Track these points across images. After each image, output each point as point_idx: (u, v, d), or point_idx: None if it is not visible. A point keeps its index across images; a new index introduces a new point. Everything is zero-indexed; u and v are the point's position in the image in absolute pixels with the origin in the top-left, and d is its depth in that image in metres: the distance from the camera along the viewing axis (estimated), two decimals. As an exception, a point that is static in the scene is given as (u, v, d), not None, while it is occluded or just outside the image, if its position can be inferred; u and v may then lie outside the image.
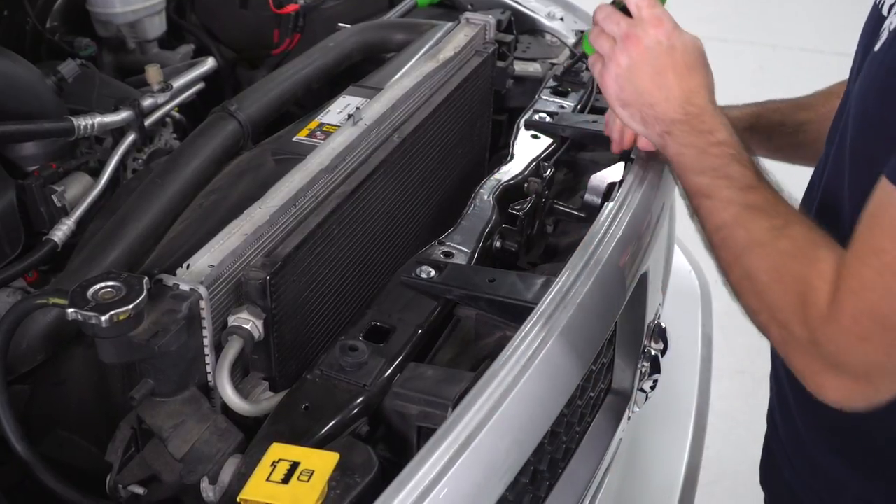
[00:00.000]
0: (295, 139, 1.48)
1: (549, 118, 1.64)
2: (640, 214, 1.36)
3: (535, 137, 1.61)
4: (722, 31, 5.18)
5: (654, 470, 1.78)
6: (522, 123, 1.64)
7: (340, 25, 1.98)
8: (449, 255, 1.32)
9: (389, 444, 1.11)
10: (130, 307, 0.99)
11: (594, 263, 1.22)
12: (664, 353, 1.60)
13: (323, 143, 1.35)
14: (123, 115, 1.64)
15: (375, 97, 1.46)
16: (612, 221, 1.30)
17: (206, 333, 1.09)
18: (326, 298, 1.25)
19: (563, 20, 2.02)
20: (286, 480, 0.90)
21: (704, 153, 1.08)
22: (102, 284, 1.02)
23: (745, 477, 2.23)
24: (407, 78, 1.51)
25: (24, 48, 1.93)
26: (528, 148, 1.58)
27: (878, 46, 1.01)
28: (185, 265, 1.10)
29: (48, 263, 1.49)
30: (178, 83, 1.75)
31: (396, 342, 1.17)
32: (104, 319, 0.98)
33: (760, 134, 1.43)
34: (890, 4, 1.01)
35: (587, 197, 1.49)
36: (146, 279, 1.03)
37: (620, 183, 1.42)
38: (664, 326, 1.63)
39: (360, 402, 1.08)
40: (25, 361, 1.24)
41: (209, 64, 1.86)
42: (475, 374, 1.09)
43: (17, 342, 1.19)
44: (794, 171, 1.43)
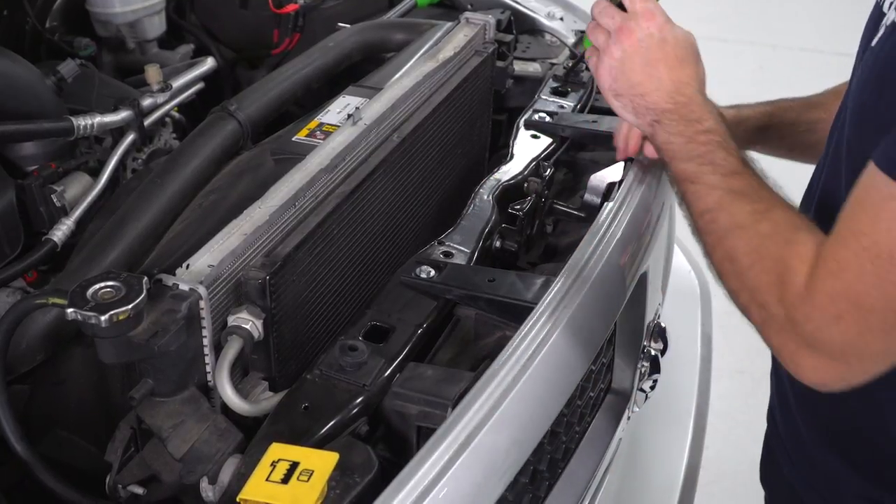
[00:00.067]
0: (294, 139, 1.48)
1: (548, 118, 1.64)
2: (639, 214, 1.36)
3: (534, 137, 1.61)
4: (722, 31, 5.18)
5: (653, 470, 1.78)
6: (522, 123, 1.64)
7: (340, 25, 1.98)
8: (448, 254, 1.32)
9: (389, 443, 1.11)
10: (130, 307, 0.99)
11: (594, 263, 1.22)
12: (664, 352, 1.60)
13: (322, 142, 1.35)
14: (123, 114, 1.64)
15: (375, 97, 1.46)
16: (611, 221, 1.30)
17: (205, 333, 1.09)
18: (326, 298, 1.25)
19: (562, 20, 2.02)
20: (286, 480, 0.90)
21: (691, 141, 1.11)
22: (102, 284, 1.02)
23: (744, 477, 2.22)
24: (406, 78, 1.51)
25: (23, 48, 1.93)
26: (527, 148, 1.58)
27: (875, 41, 1.02)
28: (184, 265, 1.10)
29: (48, 263, 1.49)
30: (177, 83, 1.75)
31: (396, 342, 1.17)
32: (104, 319, 0.98)
33: (774, 133, 1.44)
34: (891, 2, 1.01)
35: (587, 197, 1.49)
36: (146, 279, 1.03)
37: (620, 183, 1.42)
38: (664, 326, 1.63)
39: (359, 401, 1.08)
40: (25, 361, 1.23)
41: (209, 64, 1.86)
42: (475, 373, 1.09)
43: (16, 342, 1.19)
44: (794, 171, 1.43)
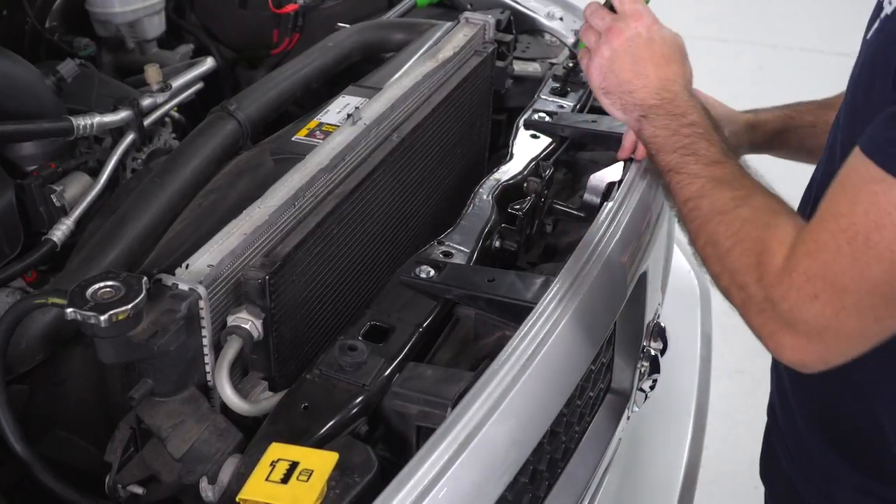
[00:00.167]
0: (294, 139, 1.48)
1: (548, 118, 1.65)
2: (639, 214, 1.36)
3: (534, 137, 1.61)
4: (722, 31, 5.18)
5: (653, 469, 1.78)
6: (522, 123, 1.64)
7: (339, 25, 1.98)
8: (448, 254, 1.32)
9: (389, 443, 1.11)
10: (129, 307, 0.99)
11: (593, 263, 1.22)
12: (663, 352, 1.60)
13: (322, 142, 1.35)
14: (122, 114, 1.64)
15: (374, 97, 1.46)
16: (611, 221, 1.30)
17: (205, 333, 1.09)
18: (325, 298, 1.25)
19: (562, 20, 2.02)
20: (285, 480, 0.90)
21: (676, 133, 1.15)
22: (101, 284, 1.02)
23: (744, 476, 2.22)
24: (406, 78, 1.51)
25: (23, 48, 1.93)
26: (527, 148, 1.58)
27: (870, 34, 1.05)
28: (184, 265, 1.10)
29: (47, 263, 1.49)
30: (177, 83, 1.75)
31: (396, 342, 1.17)
32: (103, 319, 0.98)
33: (793, 136, 1.46)
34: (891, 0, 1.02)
35: (586, 196, 1.49)
36: (145, 279, 1.03)
37: (620, 183, 1.42)
38: (663, 326, 1.63)
39: (359, 401, 1.08)
40: (24, 361, 1.23)
41: (208, 64, 1.85)
42: (474, 373, 1.09)
43: (16, 342, 1.19)
44: (795, 172, 1.43)
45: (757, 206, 1.02)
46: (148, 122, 1.68)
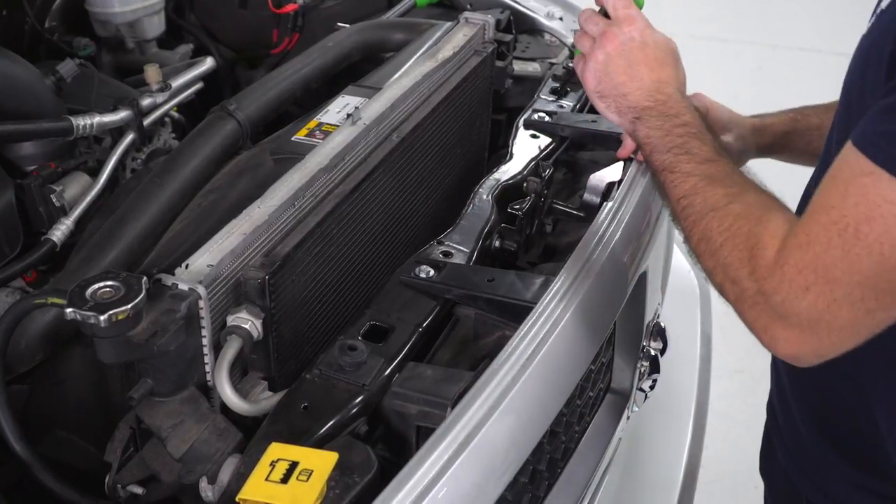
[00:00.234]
0: (294, 139, 1.48)
1: (548, 118, 1.65)
2: (639, 214, 1.36)
3: (534, 137, 1.61)
4: (722, 31, 5.18)
5: (653, 469, 1.78)
6: (521, 123, 1.64)
7: (339, 25, 1.98)
8: (448, 254, 1.32)
9: (388, 443, 1.11)
10: (129, 307, 0.99)
11: (593, 263, 1.22)
12: (663, 352, 1.60)
13: (322, 142, 1.35)
14: (122, 114, 1.64)
15: (374, 97, 1.46)
16: (611, 221, 1.30)
17: (204, 333, 1.09)
18: (325, 298, 1.25)
19: (562, 20, 2.02)
20: (285, 480, 0.90)
21: (669, 134, 1.17)
22: (101, 284, 1.02)
23: (743, 476, 2.23)
24: (406, 77, 1.51)
25: (22, 48, 1.93)
26: (527, 147, 1.58)
27: (865, 30, 1.05)
28: (183, 265, 1.10)
29: (47, 263, 1.49)
30: (176, 83, 1.75)
31: (395, 342, 1.17)
32: (103, 319, 0.98)
33: (798, 138, 1.46)
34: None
35: (586, 196, 1.49)
36: (145, 279, 1.03)
37: (619, 182, 1.42)
38: (663, 326, 1.63)
39: (359, 401, 1.08)
40: (24, 361, 1.23)
41: (208, 64, 1.85)
42: (474, 373, 1.09)
43: (15, 342, 1.19)
44: (794, 173, 1.43)
45: (749, 201, 1.03)
46: (147, 122, 1.68)
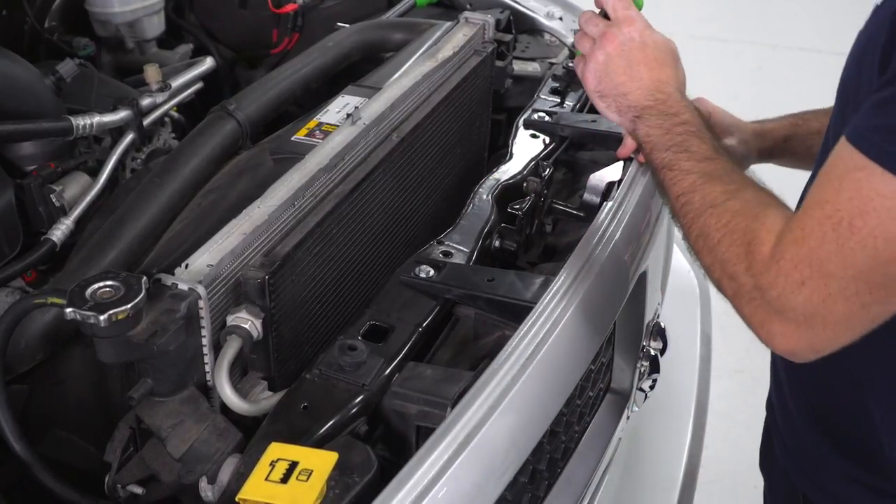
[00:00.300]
0: (294, 139, 1.48)
1: (547, 117, 1.64)
2: (639, 214, 1.36)
3: (533, 137, 1.61)
4: (722, 31, 5.18)
5: (653, 469, 1.78)
6: (521, 123, 1.64)
7: (339, 25, 1.98)
8: (448, 254, 1.32)
9: (388, 443, 1.11)
10: (129, 306, 0.99)
11: (593, 263, 1.22)
12: (663, 352, 1.60)
13: (322, 142, 1.35)
14: (122, 114, 1.64)
15: (374, 96, 1.46)
16: (611, 221, 1.30)
17: (204, 333, 1.09)
18: (325, 298, 1.25)
19: (561, 20, 2.02)
20: (285, 480, 0.90)
21: (669, 132, 1.18)
22: (101, 284, 1.02)
23: (743, 476, 2.22)
24: (406, 77, 1.51)
25: (22, 48, 1.93)
26: (526, 147, 1.58)
27: (861, 28, 1.06)
28: (183, 265, 1.10)
29: (47, 263, 1.49)
30: (176, 83, 1.75)
31: (395, 342, 1.17)
32: (102, 319, 0.98)
33: (799, 143, 1.47)
34: None
35: (586, 196, 1.49)
36: (145, 278, 1.03)
37: (619, 182, 1.42)
38: (663, 326, 1.63)
39: (358, 401, 1.08)
40: (24, 361, 1.23)
41: (208, 63, 1.85)
42: (474, 373, 1.09)
43: (15, 342, 1.19)
44: (794, 175, 1.43)
45: (747, 198, 1.03)
46: (147, 121, 1.68)
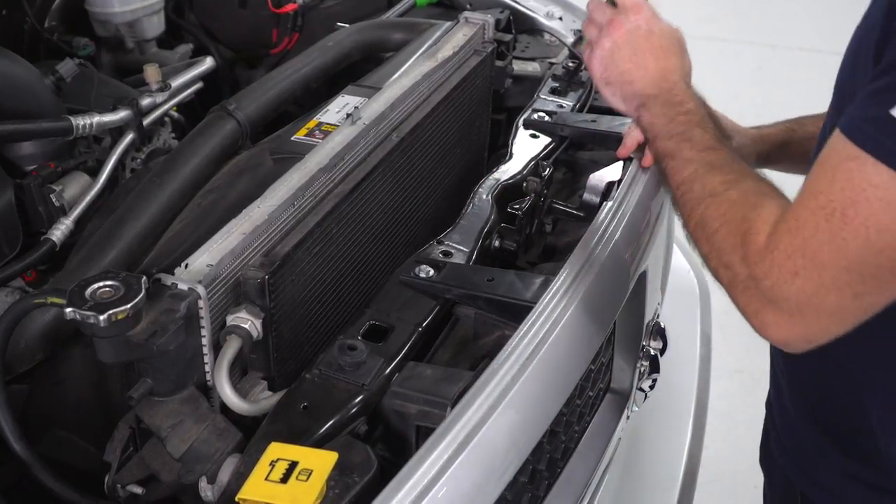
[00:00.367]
0: (293, 138, 1.48)
1: (547, 117, 1.64)
2: (638, 213, 1.36)
3: (533, 137, 1.61)
4: (722, 31, 5.18)
5: (653, 469, 1.78)
6: (521, 123, 1.64)
7: (339, 25, 1.98)
8: (447, 254, 1.32)
9: (388, 443, 1.11)
10: (129, 306, 0.99)
11: (593, 263, 1.22)
12: (663, 352, 1.60)
13: (321, 142, 1.35)
14: (122, 114, 1.64)
15: (374, 96, 1.46)
16: (610, 220, 1.30)
17: (204, 333, 1.09)
18: (325, 298, 1.25)
19: (561, 19, 2.02)
20: (285, 480, 0.90)
21: (672, 121, 1.18)
22: (101, 284, 1.02)
23: (743, 476, 2.22)
24: (405, 77, 1.51)
25: (22, 48, 1.93)
26: (526, 147, 1.58)
27: (859, 23, 1.07)
28: (183, 264, 1.10)
29: (46, 263, 1.49)
30: (176, 83, 1.75)
31: (395, 341, 1.17)
32: (102, 319, 0.98)
33: (797, 147, 1.47)
34: None
35: (586, 196, 1.49)
36: (144, 278, 1.03)
37: (619, 182, 1.42)
38: (663, 325, 1.62)
39: (358, 401, 1.08)
40: (24, 361, 1.23)
41: (208, 63, 1.85)
42: (474, 373, 1.09)
43: (15, 341, 1.19)
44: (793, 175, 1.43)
45: (746, 188, 1.04)
46: (147, 121, 1.68)
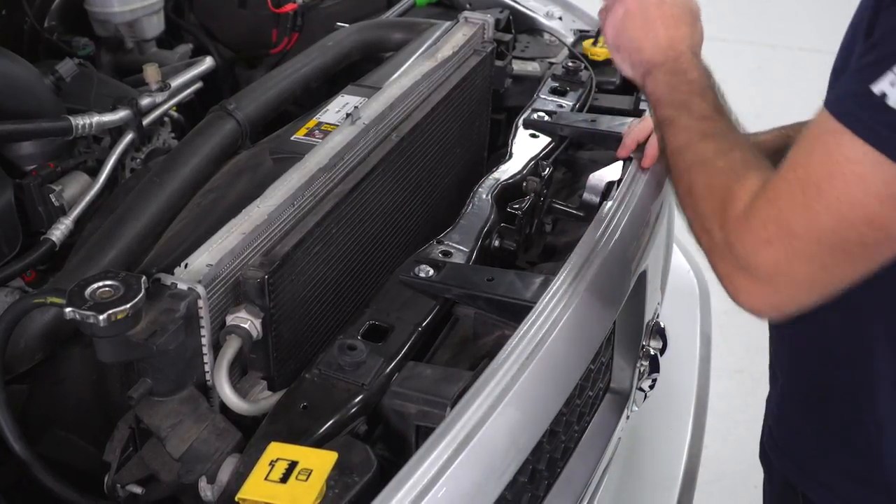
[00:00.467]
0: (293, 138, 1.48)
1: (547, 117, 1.64)
2: (638, 213, 1.36)
3: (533, 136, 1.61)
4: (721, 30, 5.17)
5: (652, 469, 1.78)
6: (521, 122, 1.64)
7: (339, 25, 1.98)
8: (447, 254, 1.32)
9: (388, 443, 1.10)
10: (128, 306, 0.99)
11: (593, 262, 1.22)
12: (663, 352, 1.60)
13: (321, 142, 1.35)
14: (121, 114, 1.64)
15: (374, 96, 1.46)
16: (610, 220, 1.30)
17: (204, 332, 1.09)
18: (325, 297, 1.25)
19: (561, 19, 2.02)
20: (284, 479, 0.90)
21: (675, 90, 1.19)
22: (100, 283, 1.01)
23: (743, 476, 2.22)
24: (405, 77, 1.51)
25: (22, 47, 1.93)
26: (526, 147, 1.58)
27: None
28: (183, 264, 1.10)
29: (46, 263, 1.49)
30: (176, 82, 1.75)
31: (395, 341, 1.17)
32: (102, 318, 0.98)
33: None
34: None
35: (586, 196, 1.49)
36: (144, 278, 1.03)
37: (619, 182, 1.42)
38: (663, 325, 1.62)
39: (358, 401, 1.08)
40: (23, 361, 1.23)
41: (207, 63, 1.85)
42: (474, 373, 1.09)
43: (15, 341, 1.19)
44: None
45: (734, 158, 1.05)
46: (147, 121, 1.68)
